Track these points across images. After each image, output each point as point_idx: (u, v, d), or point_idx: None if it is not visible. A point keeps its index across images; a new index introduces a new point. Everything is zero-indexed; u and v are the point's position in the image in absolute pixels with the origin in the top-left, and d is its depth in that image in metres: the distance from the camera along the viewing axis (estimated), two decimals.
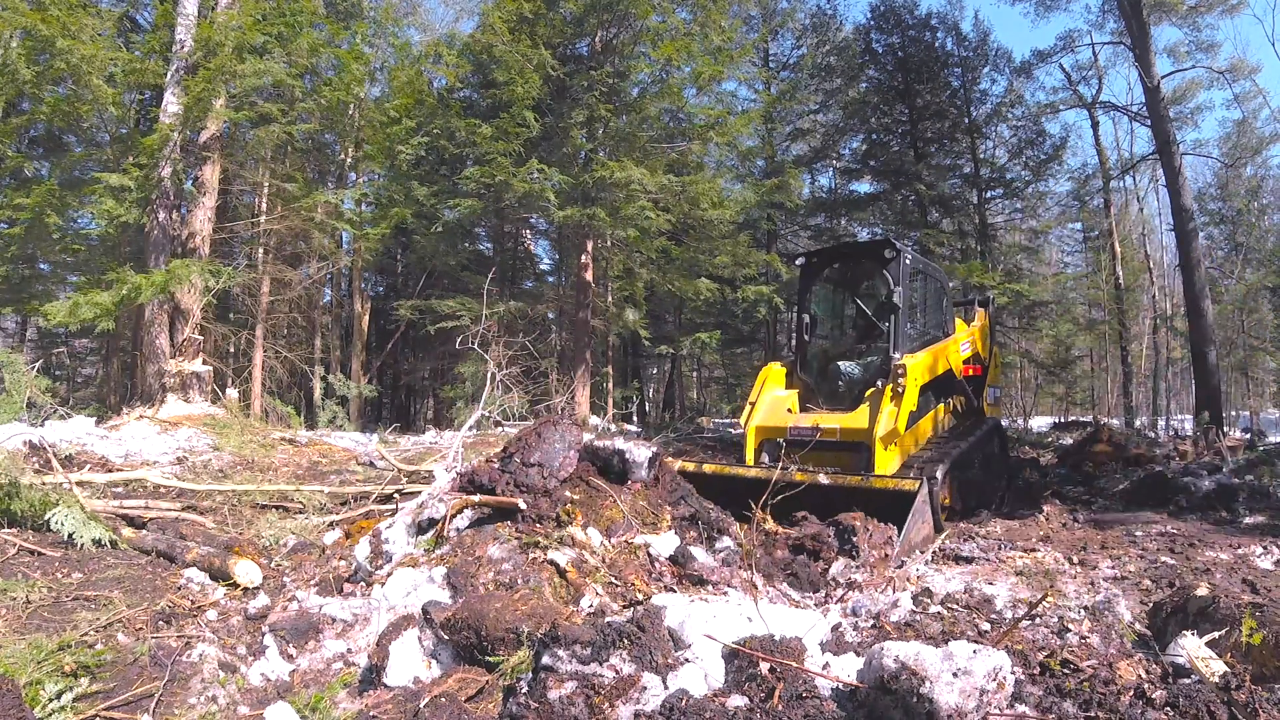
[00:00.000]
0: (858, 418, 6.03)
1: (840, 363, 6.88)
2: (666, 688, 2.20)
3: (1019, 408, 25.48)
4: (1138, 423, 21.10)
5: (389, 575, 3.63)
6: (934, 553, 4.99)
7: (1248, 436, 14.19)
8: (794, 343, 7.29)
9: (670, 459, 5.34)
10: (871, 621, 3.02)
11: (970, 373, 7.69)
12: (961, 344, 7.54)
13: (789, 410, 6.65)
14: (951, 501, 6.16)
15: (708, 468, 6.02)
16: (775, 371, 6.98)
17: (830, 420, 6.16)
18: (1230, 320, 24.49)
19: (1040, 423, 23.10)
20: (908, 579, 4.25)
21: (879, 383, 6.16)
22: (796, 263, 7.61)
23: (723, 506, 5.13)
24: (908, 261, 6.68)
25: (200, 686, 3.01)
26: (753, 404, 6.69)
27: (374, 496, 6.22)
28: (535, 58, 13.06)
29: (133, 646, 3.29)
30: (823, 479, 5.30)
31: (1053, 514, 6.81)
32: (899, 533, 4.75)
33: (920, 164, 20.13)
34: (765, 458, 6.37)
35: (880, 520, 4.82)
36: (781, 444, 6.18)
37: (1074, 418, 23.66)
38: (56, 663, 3.00)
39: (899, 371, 5.92)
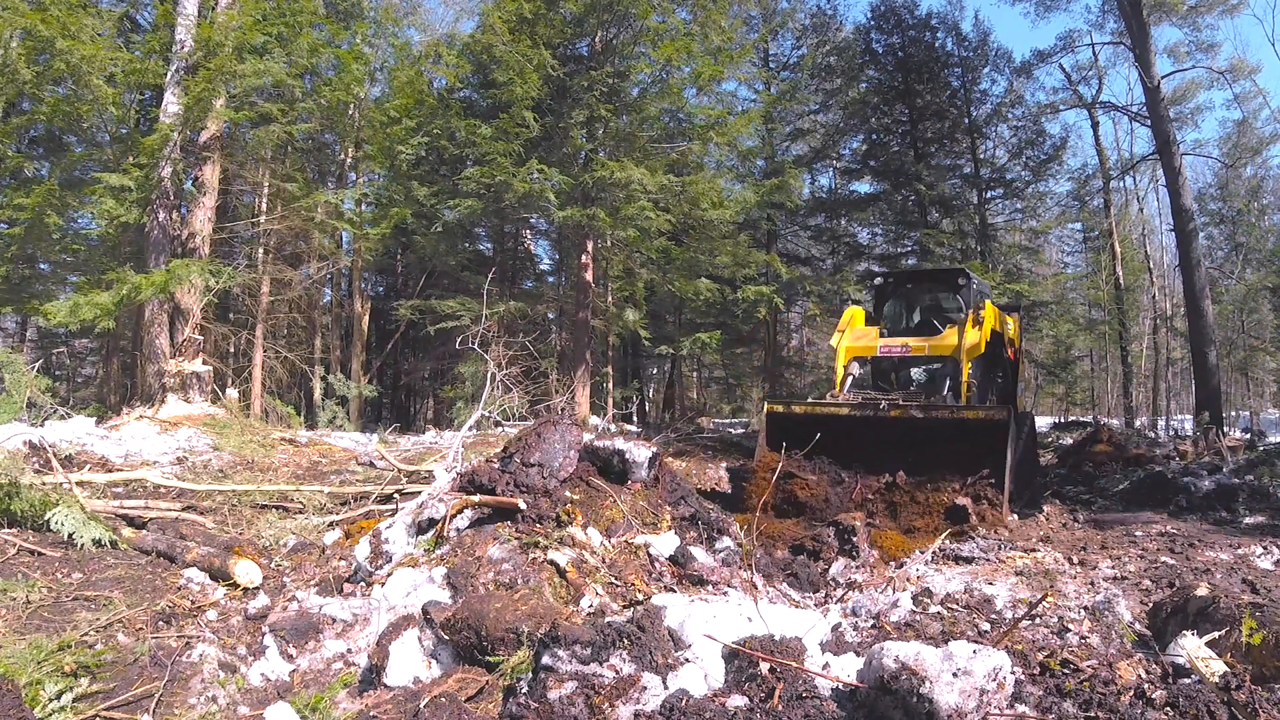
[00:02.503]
0: (944, 338, 6.63)
1: (911, 369, 7.54)
2: (666, 688, 2.20)
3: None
4: (1138, 423, 21.09)
5: (389, 575, 3.62)
6: (934, 553, 4.98)
7: (1248, 436, 14.19)
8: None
9: (671, 457, 5.31)
10: (871, 621, 3.02)
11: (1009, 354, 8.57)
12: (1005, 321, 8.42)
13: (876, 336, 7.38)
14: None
15: (797, 407, 6.21)
16: (859, 312, 7.73)
17: (919, 341, 6.74)
18: (1230, 320, 24.48)
19: (1040, 423, 23.08)
20: (908, 579, 4.24)
21: (960, 315, 6.83)
22: (874, 282, 8.67)
23: (806, 449, 5.25)
24: (975, 286, 7.77)
25: (200, 686, 3.01)
26: (841, 331, 7.37)
27: (374, 496, 6.22)
28: (535, 58, 13.05)
29: (133, 646, 3.29)
30: (916, 413, 5.60)
31: (1053, 514, 6.80)
32: (1006, 468, 5.14)
33: (920, 164, 20.13)
34: (852, 378, 6.84)
35: (972, 450, 5.26)
36: (866, 362, 6.90)
37: (1074, 418, 23.64)
38: (56, 663, 3.00)
39: (980, 303, 6.72)
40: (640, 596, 3.25)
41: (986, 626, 2.97)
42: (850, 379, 6.90)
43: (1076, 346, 23.77)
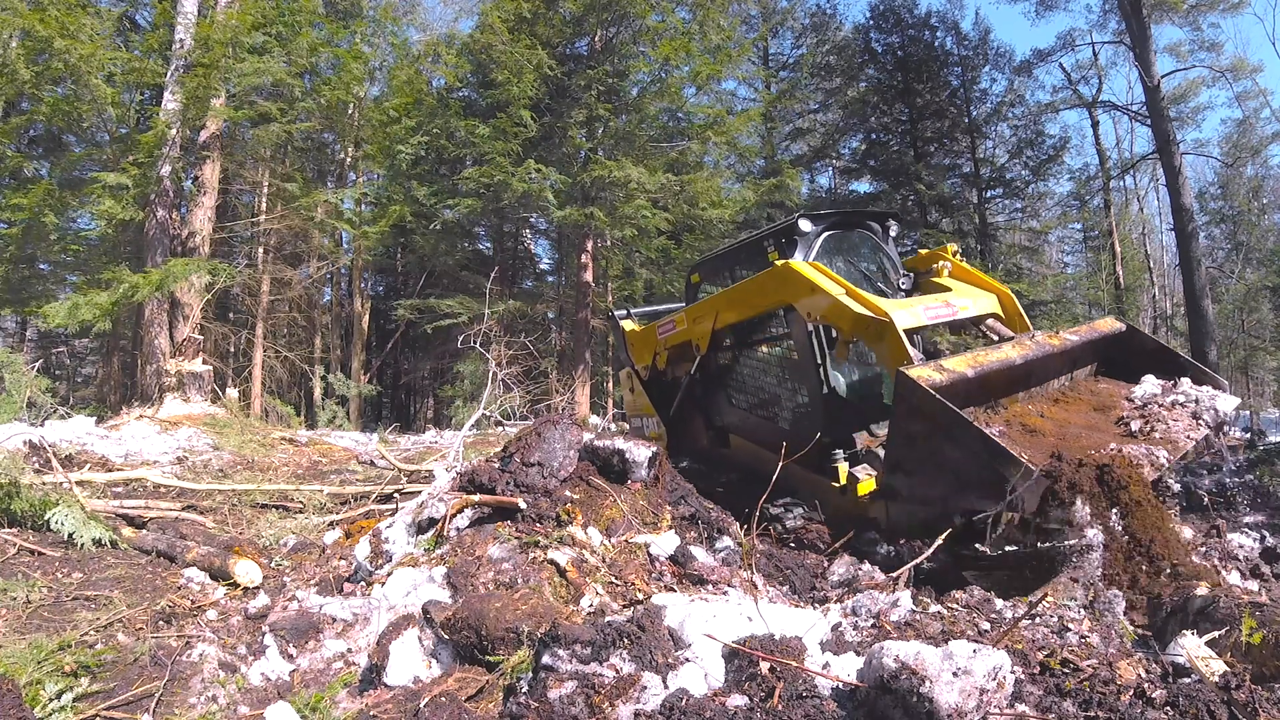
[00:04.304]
0: (974, 292, 5.21)
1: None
2: (666, 687, 2.20)
3: None
4: None
5: (389, 575, 3.62)
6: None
7: (1248, 436, 14.17)
8: None
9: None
10: (871, 621, 3.01)
11: None
12: None
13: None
14: None
15: (957, 365, 3.89)
16: (818, 266, 4.97)
17: (960, 299, 5.08)
18: (1230, 320, 24.48)
19: None
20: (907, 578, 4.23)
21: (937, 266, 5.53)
22: (803, 228, 5.76)
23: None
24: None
25: (200, 686, 3.01)
26: (851, 292, 4.46)
27: (374, 496, 6.22)
28: (533, 58, 13.06)
29: (133, 646, 3.29)
30: (1069, 337, 4.71)
31: None
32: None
33: (920, 164, 20.14)
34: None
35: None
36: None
37: None
38: (56, 663, 3.00)
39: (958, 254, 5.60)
40: (640, 596, 3.25)
41: (986, 626, 2.97)
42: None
43: None
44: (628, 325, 7.10)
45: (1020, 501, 3.27)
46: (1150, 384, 4.62)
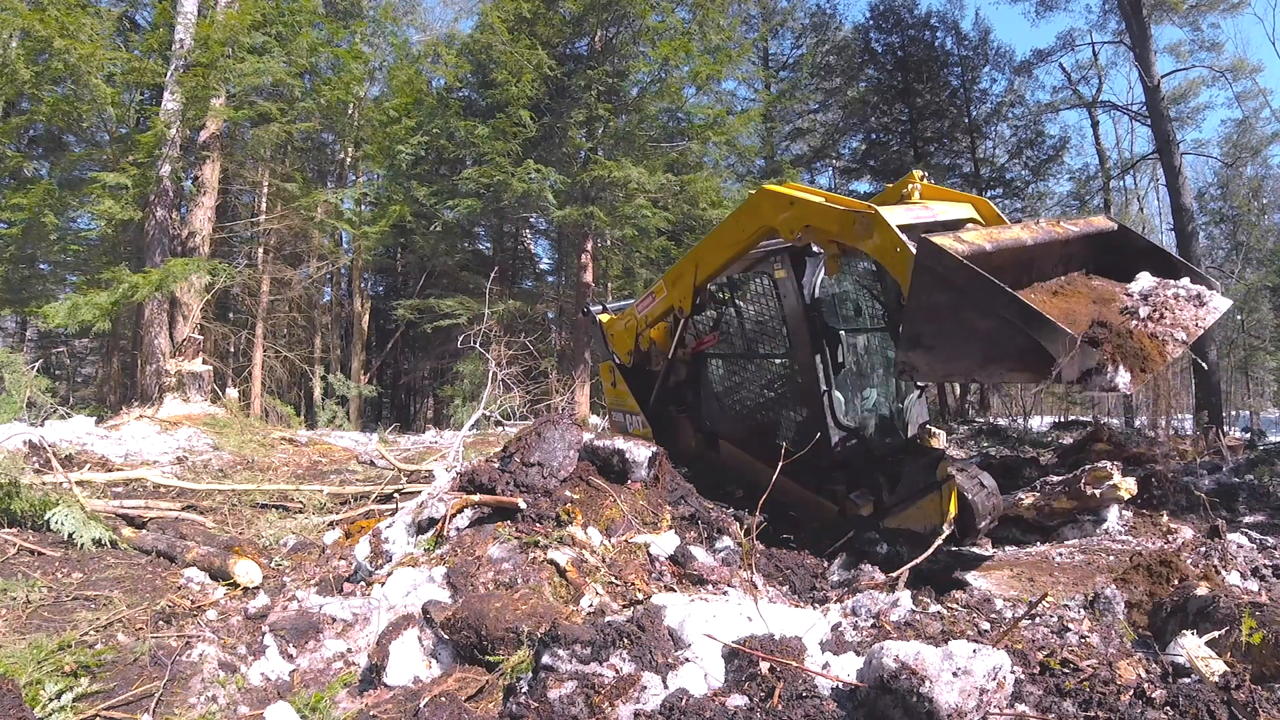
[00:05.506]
0: (949, 203, 5.04)
1: None
2: (666, 687, 2.20)
3: (1019, 406, 25.44)
4: (1137, 422, 21.06)
5: (389, 575, 3.62)
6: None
7: (1247, 436, 14.18)
8: None
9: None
10: (871, 621, 3.01)
11: None
12: None
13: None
14: None
15: (974, 238, 3.71)
16: (792, 183, 5.18)
17: (940, 205, 4.92)
18: (1230, 320, 24.45)
19: (1040, 422, 23.08)
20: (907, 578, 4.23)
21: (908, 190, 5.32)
22: None
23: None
24: None
25: (200, 686, 3.01)
26: (831, 197, 4.39)
27: (374, 496, 6.22)
28: (533, 58, 13.06)
29: (133, 646, 3.29)
30: (1070, 227, 4.47)
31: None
32: None
33: (920, 164, 20.12)
34: None
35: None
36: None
37: (1074, 417, 23.61)
38: (56, 663, 3.00)
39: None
40: (640, 596, 3.25)
41: (986, 626, 2.98)
42: None
43: None
44: (604, 318, 6.71)
45: (1061, 371, 3.12)
46: (1147, 278, 4.55)
